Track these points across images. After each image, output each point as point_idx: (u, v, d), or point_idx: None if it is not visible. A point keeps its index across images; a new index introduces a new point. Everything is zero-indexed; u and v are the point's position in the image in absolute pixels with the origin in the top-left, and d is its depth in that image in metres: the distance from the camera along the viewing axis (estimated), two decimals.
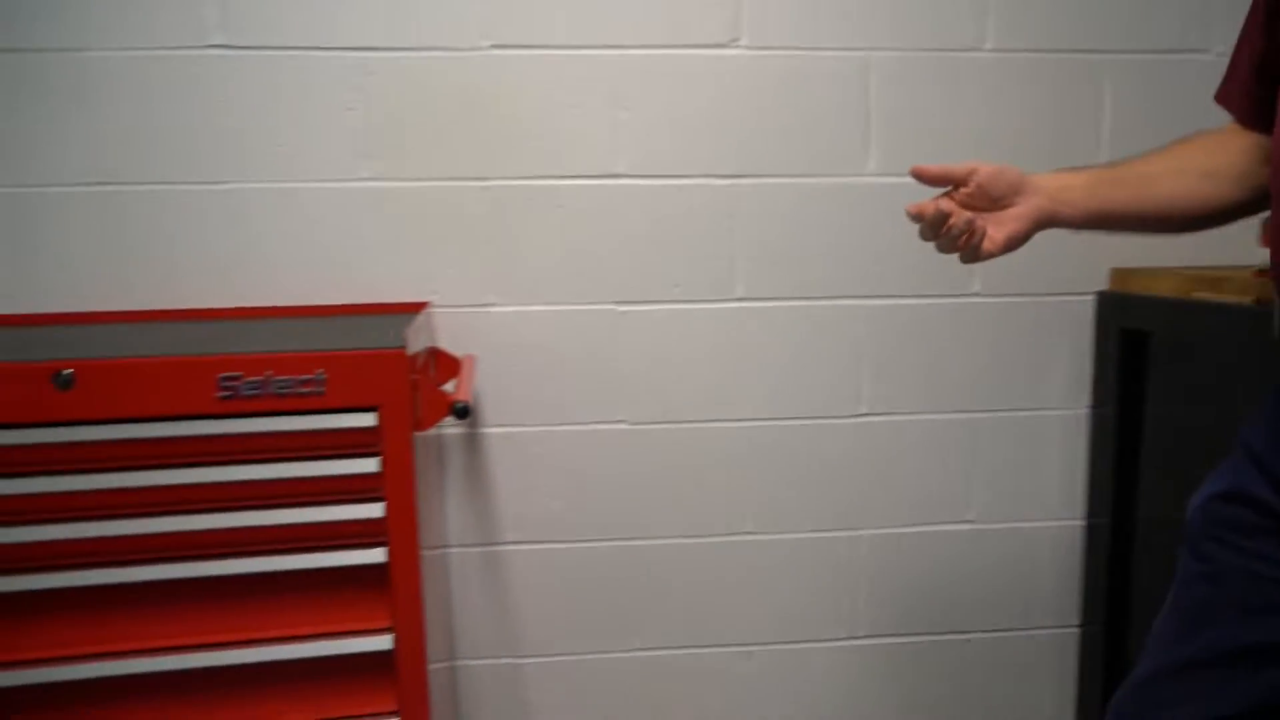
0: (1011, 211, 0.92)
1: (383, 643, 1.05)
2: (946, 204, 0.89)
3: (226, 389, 0.97)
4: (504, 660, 1.56)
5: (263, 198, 1.42)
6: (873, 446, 1.56)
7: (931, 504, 1.59)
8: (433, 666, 1.12)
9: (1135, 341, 1.48)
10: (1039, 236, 1.47)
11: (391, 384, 1.00)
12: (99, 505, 0.98)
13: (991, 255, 0.91)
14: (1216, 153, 0.92)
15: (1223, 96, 0.96)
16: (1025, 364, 1.57)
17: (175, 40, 1.38)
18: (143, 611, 1.02)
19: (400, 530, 1.02)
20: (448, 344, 1.44)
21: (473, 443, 1.51)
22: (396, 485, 1.01)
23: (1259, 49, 0.89)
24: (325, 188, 1.43)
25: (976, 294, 1.55)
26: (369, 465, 1.01)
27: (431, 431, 1.26)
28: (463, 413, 1.05)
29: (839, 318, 1.53)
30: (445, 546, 1.51)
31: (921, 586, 1.61)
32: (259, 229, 1.43)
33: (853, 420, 1.55)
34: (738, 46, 1.46)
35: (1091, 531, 1.59)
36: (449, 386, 1.26)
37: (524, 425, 1.51)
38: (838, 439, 1.55)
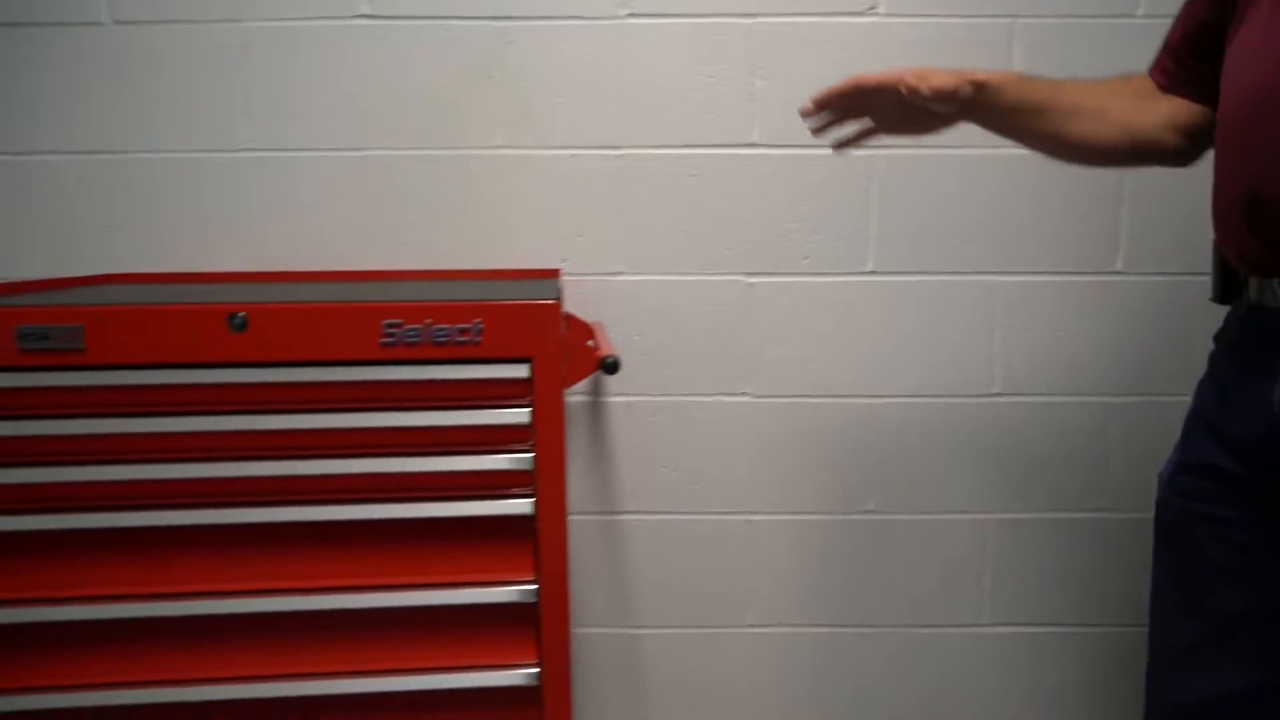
0: (934, 119, 0.99)
1: (527, 594, 1.06)
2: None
3: (389, 336, 0.99)
4: (620, 630, 1.57)
5: (403, 165, 1.45)
6: (1005, 429, 1.51)
7: (1065, 491, 1.53)
8: None
9: None
10: (1188, 216, 1.41)
11: (545, 335, 1.01)
12: (264, 446, 1.02)
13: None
14: (1142, 110, 0.98)
15: (1154, 67, 1.03)
16: (1170, 346, 1.50)
17: (325, 10, 1.42)
18: (299, 551, 1.05)
19: (548, 481, 1.03)
20: (576, 311, 1.45)
21: (594, 411, 1.52)
22: (546, 436, 1.02)
23: (1198, 19, 0.94)
24: (460, 155, 1.46)
25: (1118, 272, 1.49)
26: (520, 416, 1.03)
27: None
28: (613, 367, 1.05)
29: (974, 294, 1.48)
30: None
31: (1050, 576, 1.55)
32: (398, 196, 1.46)
33: (985, 400, 1.51)
34: (875, 14, 1.43)
35: None
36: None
37: (646, 395, 1.51)
38: (968, 419, 1.51)
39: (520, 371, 1.02)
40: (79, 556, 1.03)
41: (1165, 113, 0.98)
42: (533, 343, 1.01)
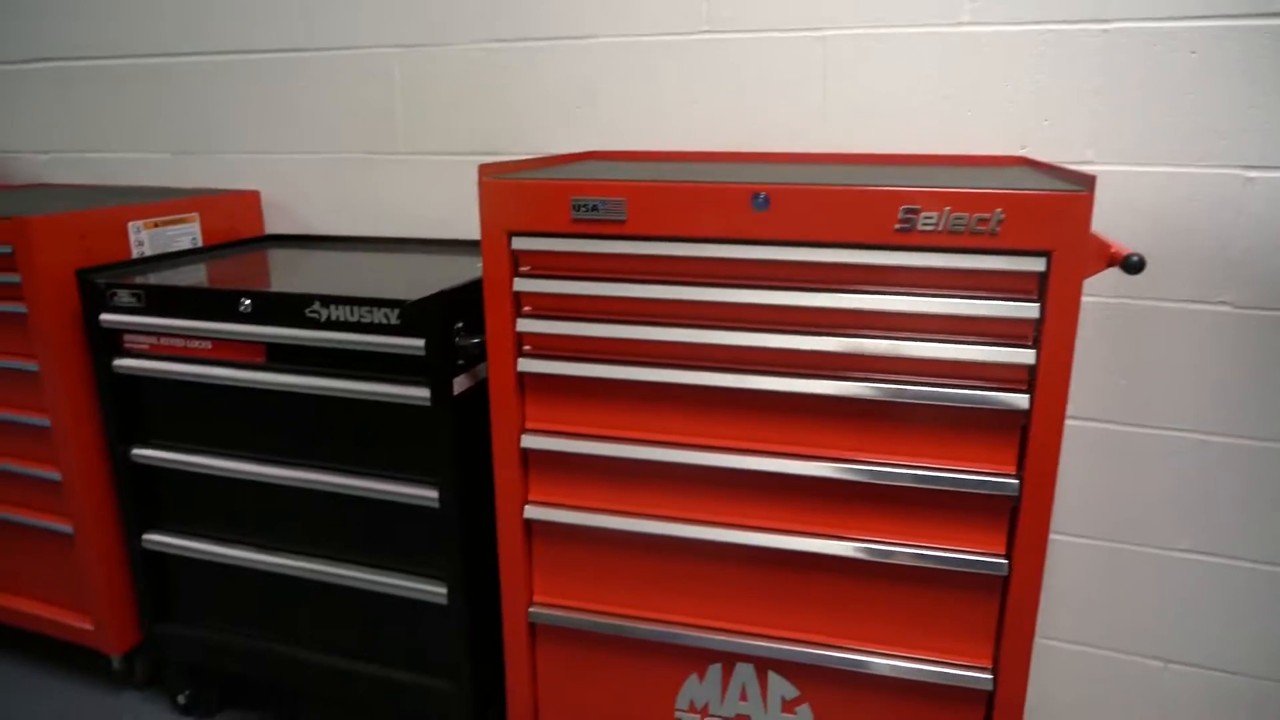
0: None
1: (1007, 488, 1.06)
2: None
3: (905, 221, 1.00)
4: None
5: (859, 44, 1.43)
6: None
7: None
8: None
9: None
10: None
11: (1069, 229, 0.96)
12: (777, 320, 1.09)
13: None
14: None
15: None
16: None
17: None
18: (798, 418, 1.13)
19: (1052, 379, 1.01)
20: None
21: None
22: (1056, 334, 0.99)
23: None
24: (922, 33, 1.40)
25: None
26: (1030, 310, 1.00)
27: None
28: (1137, 266, 0.99)
29: None
30: None
31: None
32: (852, 75, 1.44)
33: None
34: None
35: None
36: None
37: (1101, 295, 1.41)
38: None
39: (1036, 265, 0.99)
40: (606, 401, 1.18)
41: None
42: (1056, 236, 0.97)
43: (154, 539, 1.55)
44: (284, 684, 1.53)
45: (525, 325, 1.17)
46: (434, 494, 1.33)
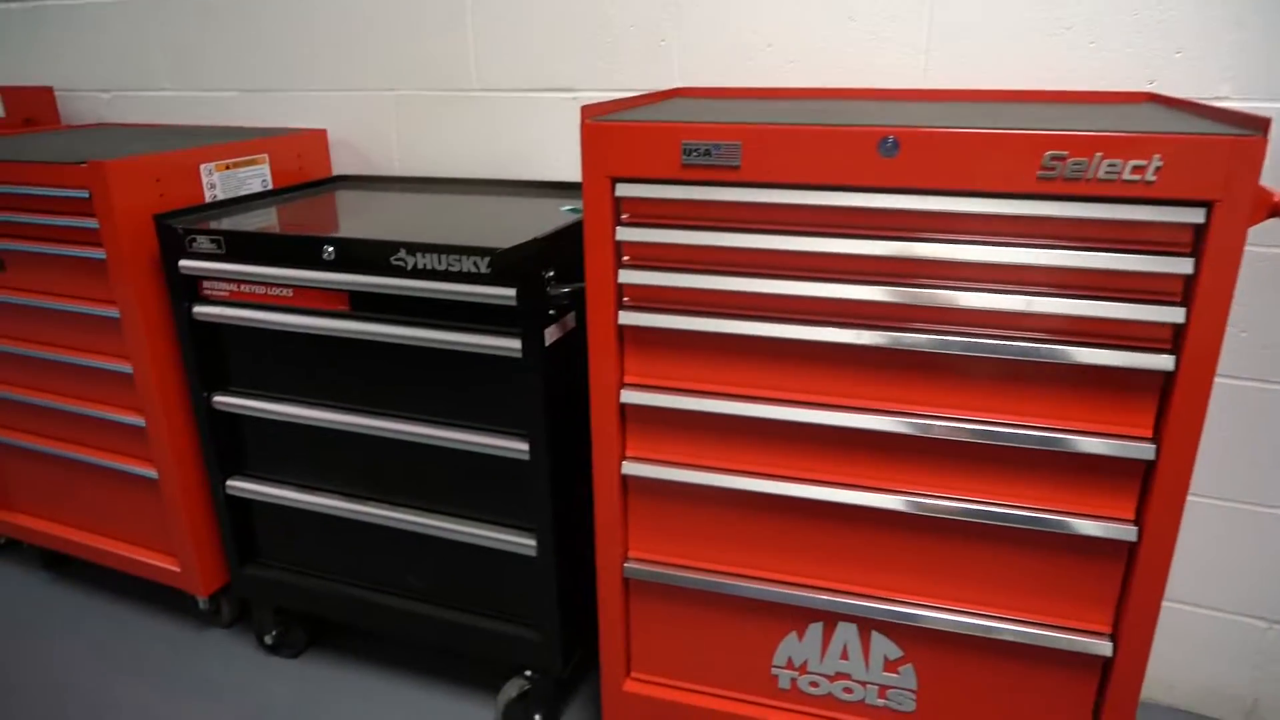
0: None
1: (1141, 451, 1.01)
2: None
3: (1049, 168, 0.93)
4: None
5: None
6: None
7: None
8: None
9: None
10: None
11: (1237, 178, 0.89)
12: (906, 272, 1.03)
13: None
14: None
15: None
16: None
17: None
18: (920, 376, 1.08)
19: (1202, 341, 0.94)
20: None
21: None
22: (1211, 291, 0.92)
23: None
24: None
25: None
26: (1183, 265, 0.93)
27: None
28: None
29: None
30: None
31: None
32: (961, 3, 1.34)
33: None
34: None
35: None
36: None
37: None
38: None
39: (1195, 216, 0.91)
40: (708, 356, 1.14)
41: None
42: (1221, 185, 0.89)
43: (237, 485, 1.55)
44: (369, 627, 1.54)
45: (627, 276, 1.12)
46: (524, 446, 1.31)
